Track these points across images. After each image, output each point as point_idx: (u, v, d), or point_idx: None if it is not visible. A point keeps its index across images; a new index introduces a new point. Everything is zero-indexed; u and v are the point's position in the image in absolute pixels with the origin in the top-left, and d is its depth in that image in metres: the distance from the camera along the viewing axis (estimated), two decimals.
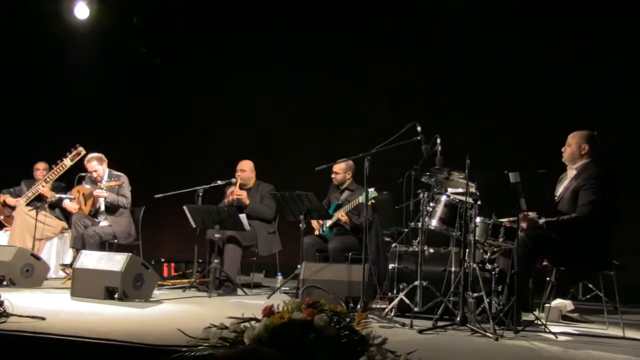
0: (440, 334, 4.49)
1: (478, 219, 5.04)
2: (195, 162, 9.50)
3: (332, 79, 8.99)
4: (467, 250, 4.81)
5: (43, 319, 4.16)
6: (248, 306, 5.58)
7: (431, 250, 5.56)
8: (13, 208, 7.82)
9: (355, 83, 8.89)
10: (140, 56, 10.00)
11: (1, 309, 4.08)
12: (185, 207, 6.65)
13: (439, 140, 5.25)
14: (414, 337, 4.32)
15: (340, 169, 6.88)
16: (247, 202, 7.07)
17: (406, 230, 6.03)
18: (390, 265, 5.56)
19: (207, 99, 9.78)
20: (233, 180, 7.16)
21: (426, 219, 5.34)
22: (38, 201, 7.72)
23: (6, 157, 10.02)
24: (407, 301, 5.15)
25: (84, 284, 5.67)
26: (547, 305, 5.35)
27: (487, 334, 4.33)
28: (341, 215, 6.60)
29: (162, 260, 7.77)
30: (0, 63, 10.24)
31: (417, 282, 5.15)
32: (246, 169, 7.27)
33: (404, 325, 4.71)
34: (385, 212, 6.98)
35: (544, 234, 4.88)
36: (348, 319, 3.18)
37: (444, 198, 5.38)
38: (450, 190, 5.54)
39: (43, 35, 9.96)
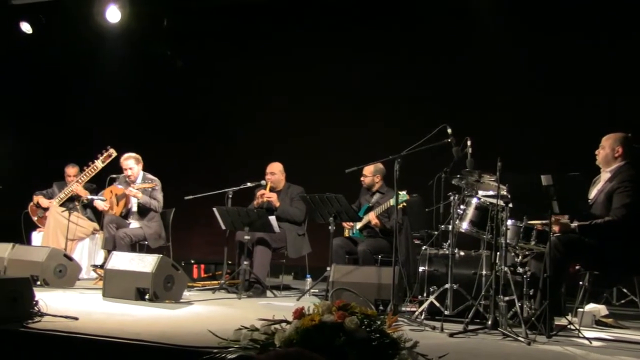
0: (471, 337, 4.45)
1: (509, 222, 4.99)
2: (225, 163, 9.55)
3: (364, 78, 8.94)
4: (499, 253, 4.77)
5: (76, 319, 4.22)
6: (277, 308, 5.58)
7: (462, 253, 5.50)
8: (46, 209, 7.93)
9: (387, 83, 8.83)
10: (164, 59, 10.10)
11: (36, 308, 4.14)
12: (215, 209, 6.68)
13: (469, 143, 5.20)
14: (444, 341, 4.29)
15: (369, 172, 6.88)
16: (277, 204, 7.08)
17: (436, 232, 5.99)
18: (421, 268, 5.51)
19: (237, 100, 9.82)
20: (263, 182, 7.19)
21: (457, 222, 5.30)
22: (70, 202, 7.83)
23: (38, 158, 10.20)
24: (438, 304, 5.11)
25: (115, 285, 5.74)
26: (580, 310, 5.27)
27: (519, 338, 4.28)
28: (372, 217, 6.58)
29: (192, 261, 7.83)
30: (34, 66, 10.45)
31: (447, 285, 5.11)
32: (276, 171, 7.29)
33: (434, 328, 4.68)
34: (415, 215, 6.93)
35: (577, 238, 4.82)
36: (379, 322, 3.16)
37: (474, 200, 5.34)
38: (481, 192, 5.49)
39: (76, 39, 10.11)
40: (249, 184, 7.17)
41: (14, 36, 10.08)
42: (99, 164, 7.79)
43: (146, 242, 7.34)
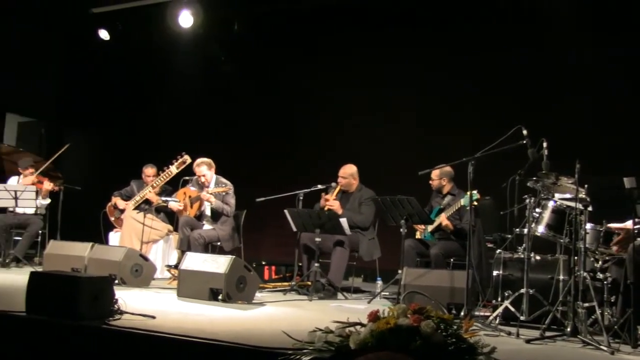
0: (548, 344, 4.33)
1: (589, 226, 4.84)
2: (296, 165, 9.58)
3: (437, 78, 8.83)
4: (577, 257, 4.62)
5: (153, 317, 4.33)
6: (349, 310, 5.55)
7: (537, 258, 5.38)
8: (123, 210, 8.15)
9: (460, 83, 8.68)
10: (218, 63, 10.27)
11: (116, 306, 4.26)
12: (286, 211, 6.73)
13: (545, 144, 5.07)
14: (521, 347, 4.19)
15: (435, 175, 6.82)
16: (340, 211, 7.02)
17: (510, 236, 5.87)
18: (495, 272, 5.42)
19: (308, 102, 9.85)
20: (333, 184, 7.20)
21: (532, 225, 5.17)
22: (145, 204, 8.03)
23: (115, 159, 10.55)
24: (513, 309, 4.99)
25: (189, 285, 5.84)
26: None
27: (601, 347, 4.13)
28: (443, 219, 6.50)
29: (263, 263, 7.89)
30: (110, 71, 10.81)
31: (523, 290, 4.99)
32: (346, 175, 7.24)
33: (509, 334, 4.57)
34: (487, 218, 6.81)
35: None
36: (455, 326, 3.11)
37: (551, 203, 5.21)
38: (557, 195, 5.35)
39: (151, 43, 10.41)
40: (319, 186, 7.19)
41: (93, 43, 10.48)
42: (173, 169, 7.96)
43: (219, 244, 7.45)
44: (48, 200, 8.54)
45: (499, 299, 5.27)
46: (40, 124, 11.42)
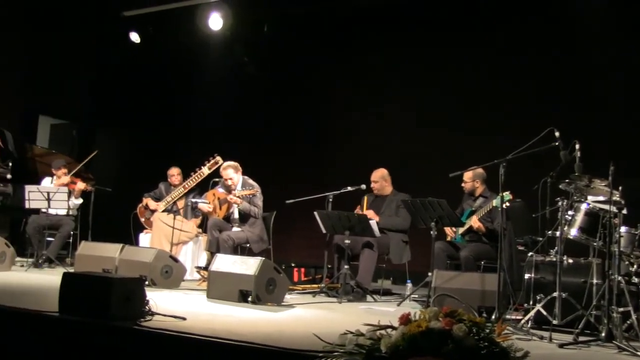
0: (582, 349, 4.26)
1: (623, 229, 4.75)
2: (326, 167, 9.57)
3: (467, 79, 8.76)
4: (611, 261, 4.54)
5: (184, 319, 4.34)
6: (378, 313, 5.53)
7: (570, 261, 5.29)
8: (154, 211, 8.23)
9: (491, 83, 8.60)
10: (242, 65, 10.31)
11: (147, 307, 4.29)
12: (316, 213, 6.73)
13: (577, 146, 5.00)
14: (554, 352, 4.13)
15: (468, 178, 6.76)
16: (377, 218, 6.96)
17: (541, 239, 5.79)
18: (527, 275, 5.35)
19: (336, 104, 9.85)
20: (363, 186, 7.18)
21: (565, 228, 5.10)
22: (175, 205, 8.10)
23: (145, 161, 10.64)
24: (545, 313, 4.92)
25: (219, 287, 5.86)
26: None
27: (638, 353, 4.05)
28: (474, 221, 6.44)
29: (292, 264, 7.89)
30: (142, 74, 10.91)
31: (555, 294, 4.91)
32: (377, 179, 7.25)
33: (542, 338, 4.51)
34: (518, 220, 6.73)
35: None
36: (487, 330, 3.07)
37: (584, 206, 5.13)
38: (590, 198, 5.27)
39: (181, 46, 10.49)
40: (349, 188, 7.18)
41: (124, 46, 10.60)
42: (205, 170, 8.04)
43: (248, 245, 7.47)
44: (80, 200, 8.67)
45: (531, 303, 5.20)
46: (72, 126, 11.59)
